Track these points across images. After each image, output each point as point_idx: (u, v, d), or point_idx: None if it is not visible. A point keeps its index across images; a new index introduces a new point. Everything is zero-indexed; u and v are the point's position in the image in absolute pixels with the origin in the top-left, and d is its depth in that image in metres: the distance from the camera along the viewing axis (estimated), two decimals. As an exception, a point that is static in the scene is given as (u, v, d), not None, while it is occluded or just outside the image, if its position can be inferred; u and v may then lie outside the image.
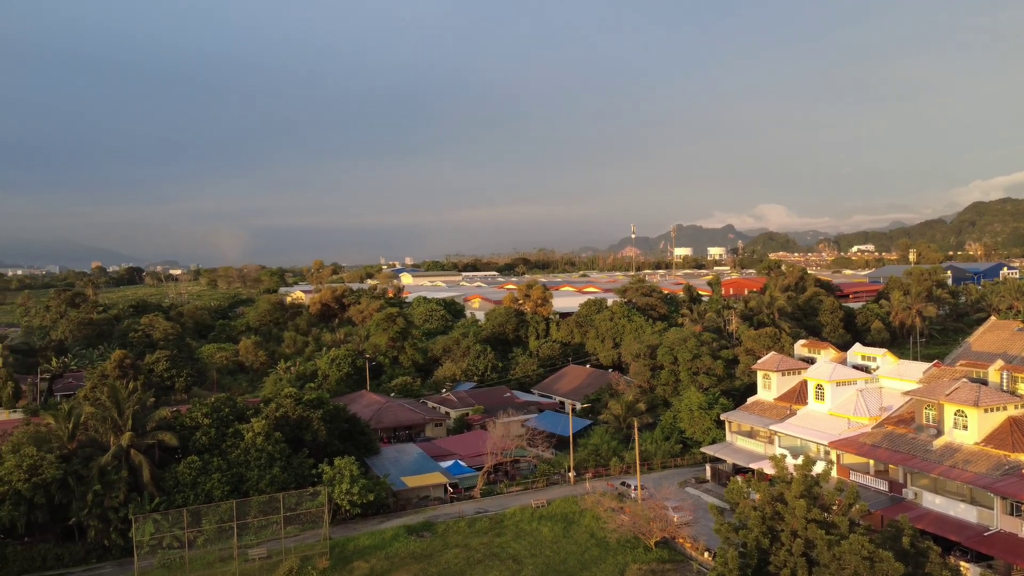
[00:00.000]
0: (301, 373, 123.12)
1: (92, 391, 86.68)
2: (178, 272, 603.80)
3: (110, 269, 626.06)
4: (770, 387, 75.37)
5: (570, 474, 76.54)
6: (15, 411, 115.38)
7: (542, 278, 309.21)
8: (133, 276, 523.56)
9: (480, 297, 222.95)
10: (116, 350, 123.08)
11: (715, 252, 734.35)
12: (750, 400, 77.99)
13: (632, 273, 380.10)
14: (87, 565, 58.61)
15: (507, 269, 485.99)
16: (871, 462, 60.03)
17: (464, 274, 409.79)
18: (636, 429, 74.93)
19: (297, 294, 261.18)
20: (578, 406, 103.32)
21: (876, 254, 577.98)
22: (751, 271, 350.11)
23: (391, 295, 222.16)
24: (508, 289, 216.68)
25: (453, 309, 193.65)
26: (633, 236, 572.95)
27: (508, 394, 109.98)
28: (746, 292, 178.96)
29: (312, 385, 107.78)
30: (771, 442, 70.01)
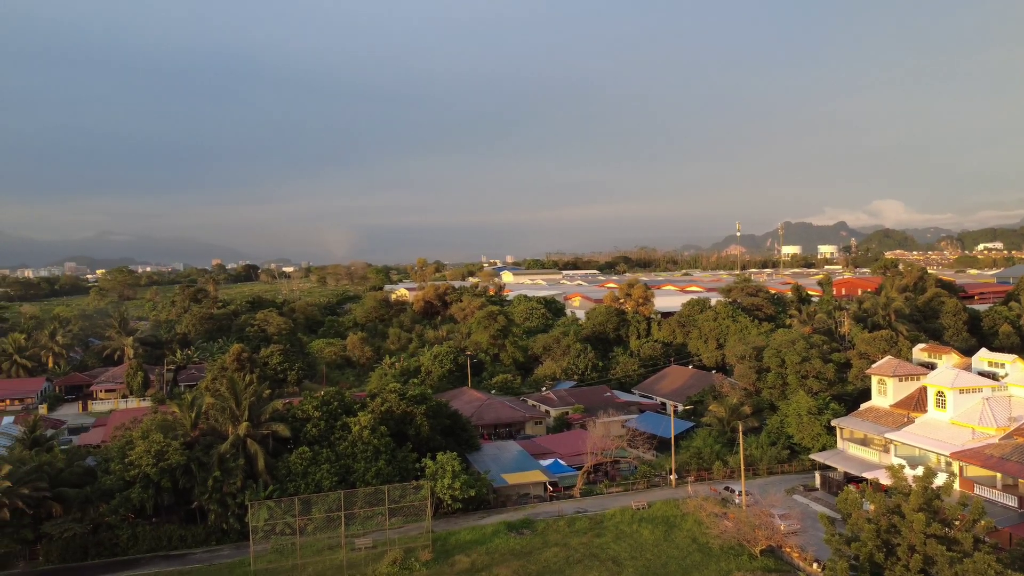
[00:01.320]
0: (405, 369, 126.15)
1: (212, 382, 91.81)
2: (290, 269, 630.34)
3: (229, 266, 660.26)
4: (886, 393, 71.75)
5: (671, 477, 75.31)
6: (145, 399, 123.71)
7: (643, 277, 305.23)
8: (249, 273, 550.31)
9: (580, 296, 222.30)
10: (234, 344, 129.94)
11: (826, 250, 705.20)
12: (863, 406, 74.47)
13: (737, 272, 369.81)
14: (208, 547, 62.11)
15: (608, 267, 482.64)
16: (998, 476, 56.22)
17: (564, 272, 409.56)
18: (740, 433, 72.91)
19: (401, 291, 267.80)
20: (680, 407, 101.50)
21: (1005, 252, 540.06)
22: (865, 270, 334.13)
23: (492, 293, 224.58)
24: (609, 288, 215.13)
25: (553, 307, 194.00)
26: (738, 234, 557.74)
27: (608, 394, 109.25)
28: (860, 292, 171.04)
29: (415, 381, 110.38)
30: (886, 451, 66.65)
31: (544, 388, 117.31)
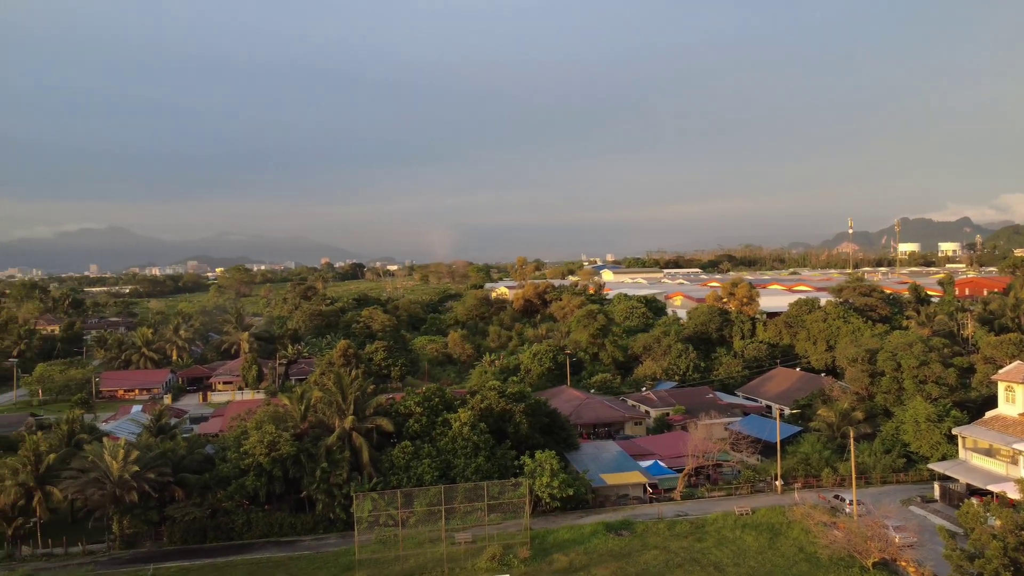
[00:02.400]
0: (505, 366, 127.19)
1: (321, 377, 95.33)
2: (394, 268, 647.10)
3: (336, 265, 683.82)
4: (1014, 400, 66.92)
5: (777, 483, 72.83)
6: (258, 392, 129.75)
7: (748, 275, 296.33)
8: (356, 271, 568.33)
9: (682, 295, 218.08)
10: (341, 340, 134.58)
11: (947, 248, 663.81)
12: (989, 414, 69.71)
13: (849, 271, 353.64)
14: (315, 535, 64.59)
15: (711, 266, 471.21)
16: None
17: (666, 271, 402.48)
18: (852, 439, 69.63)
19: (501, 290, 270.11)
20: (786, 411, 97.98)
21: None
22: (991, 269, 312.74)
23: (592, 292, 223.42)
24: (711, 287, 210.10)
25: (654, 306, 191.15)
26: (850, 231, 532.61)
27: (711, 395, 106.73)
28: (985, 293, 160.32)
29: (515, 379, 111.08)
30: (1015, 463, 62.18)
31: (644, 388, 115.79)
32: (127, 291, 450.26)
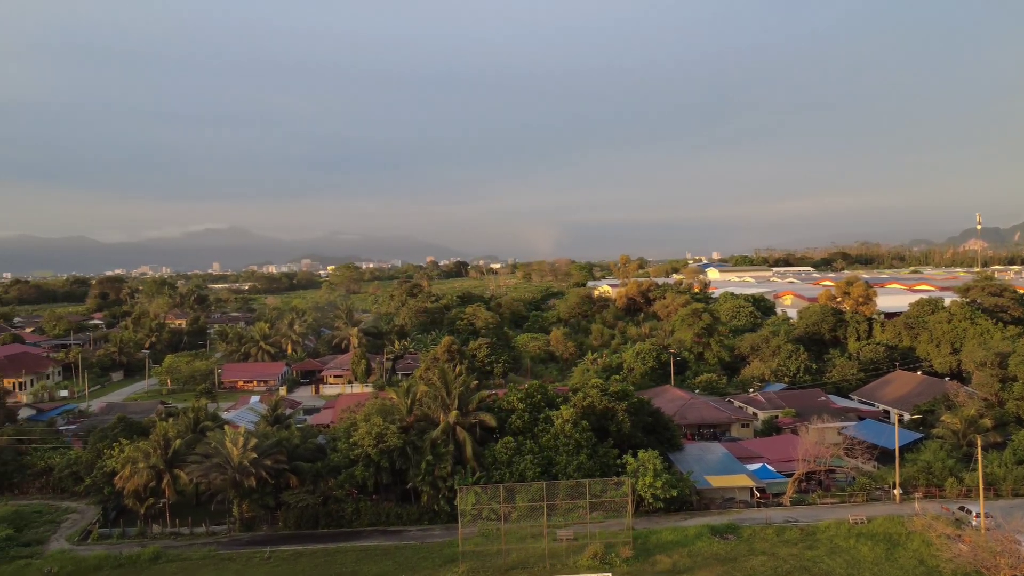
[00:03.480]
0: (607, 365, 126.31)
1: (426, 372, 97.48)
2: (497, 266, 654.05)
3: (441, 263, 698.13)
4: None
5: (895, 491, 69.20)
6: (367, 385, 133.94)
7: (864, 274, 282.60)
8: (460, 269, 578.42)
9: (792, 294, 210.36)
10: (445, 336, 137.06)
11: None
12: None
13: (977, 269, 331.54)
14: (420, 525, 66.18)
15: (823, 264, 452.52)
16: None
17: (775, 269, 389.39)
18: (979, 448, 65.35)
19: (604, 288, 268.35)
20: (906, 416, 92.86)
21: None
22: None
23: (697, 290, 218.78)
24: (824, 286, 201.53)
25: (762, 306, 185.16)
26: (979, 227, 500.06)
27: (823, 398, 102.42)
28: None
29: (617, 377, 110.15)
30: None
31: (752, 389, 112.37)
32: (246, 288, 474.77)
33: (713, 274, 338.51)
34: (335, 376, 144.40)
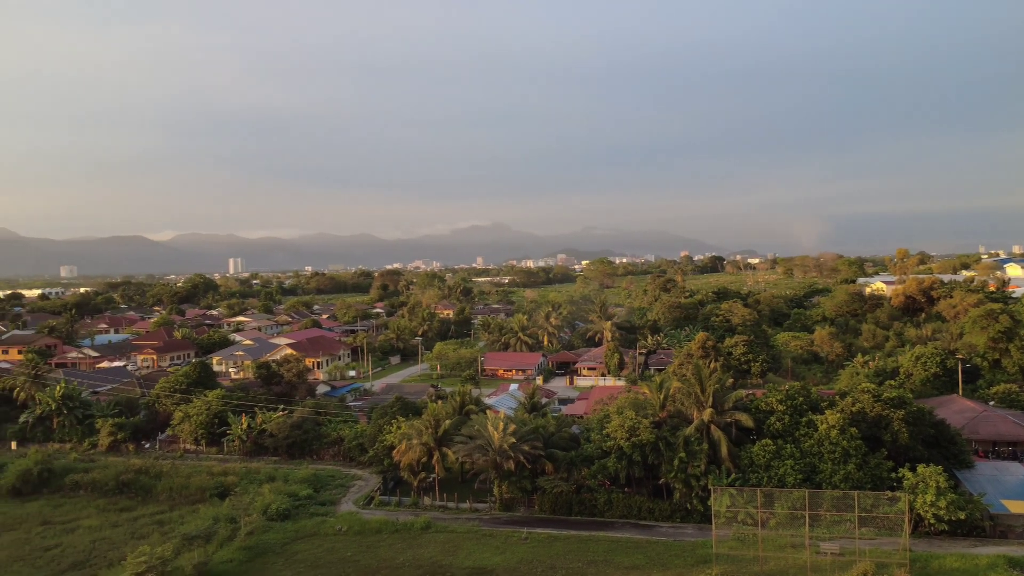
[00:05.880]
0: (880, 369, 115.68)
1: (679, 368, 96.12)
2: (756, 261, 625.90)
3: (696, 258, 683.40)
4: None
5: None
6: (619, 379, 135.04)
7: None
8: (715, 264, 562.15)
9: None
10: (700, 332, 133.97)
11: None
12: None
13: None
14: (672, 522, 65.41)
15: None
16: None
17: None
18: None
19: (877, 285, 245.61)
20: None
21: None
22: None
23: (992, 288, 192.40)
24: None
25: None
26: None
27: None
28: None
29: (892, 383, 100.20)
30: None
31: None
32: (506, 281, 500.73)
33: (1014, 271, 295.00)
34: (588, 368, 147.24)
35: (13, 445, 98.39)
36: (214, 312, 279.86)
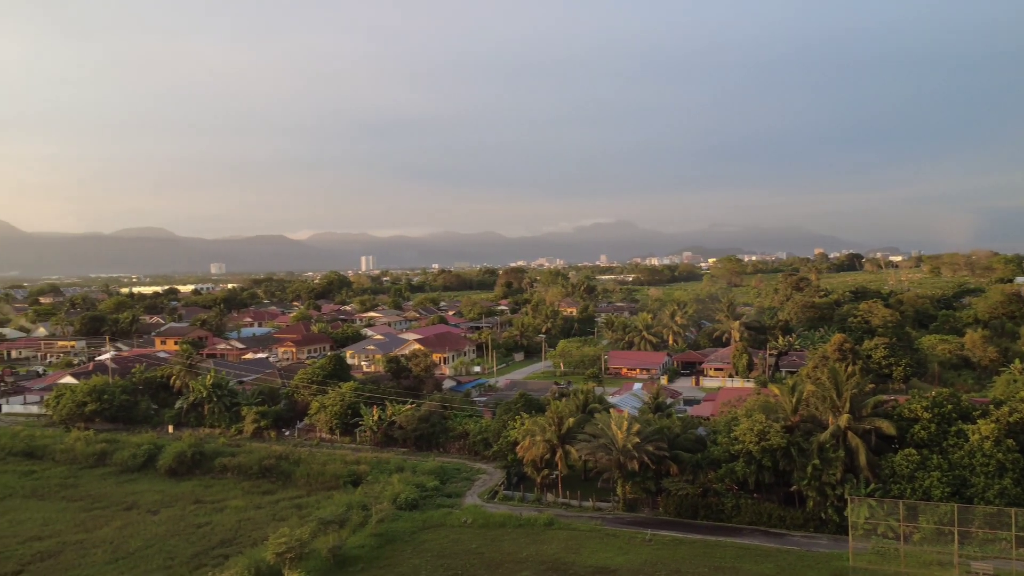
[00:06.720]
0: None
1: (813, 370, 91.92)
2: (898, 259, 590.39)
3: (831, 256, 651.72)
4: None
5: None
6: (748, 380, 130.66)
7: None
8: (853, 262, 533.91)
9: None
10: (835, 333, 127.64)
11: None
12: None
13: None
14: (804, 532, 62.63)
15: None
16: None
17: None
18: None
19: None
20: None
21: None
22: None
23: None
24: None
25: None
26: None
27: None
28: None
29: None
30: None
31: None
32: (630, 279, 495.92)
33: None
34: (715, 369, 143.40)
35: (170, 429, 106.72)
36: (347, 308, 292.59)
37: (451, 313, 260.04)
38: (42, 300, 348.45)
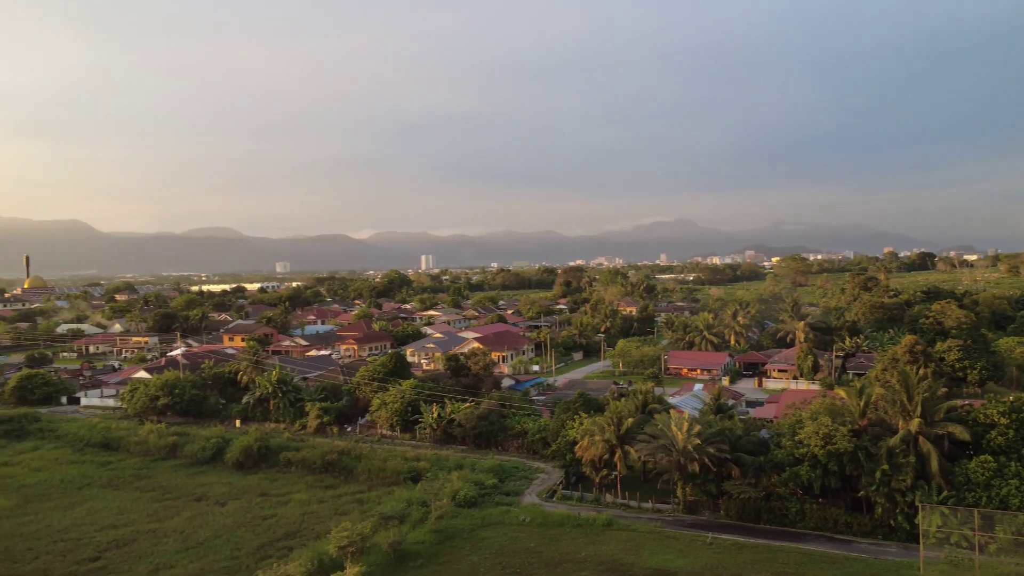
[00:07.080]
0: None
1: (882, 373, 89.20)
2: (973, 258, 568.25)
3: (901, 254, 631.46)
4: None
5: None
6: (813, 382, 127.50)
7: None
8: (924, 261, 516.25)
9: None
10: (906, 335, 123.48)
11: None
12: None
13: None
14: (872, 539, 60.75)
15: None
16: None
17: None
18: None
19: None
20: None
21: None
22: None
23: None
24: None
25: None
26: None
27: None
28: None
29: None
30: None
31: None
32: (691, 278, 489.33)
33: None
34: (779, 370, 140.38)
35: (237, 423, 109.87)
36: (408, 306, 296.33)
37: (510, 312, 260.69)
38: (118, 298, 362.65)
